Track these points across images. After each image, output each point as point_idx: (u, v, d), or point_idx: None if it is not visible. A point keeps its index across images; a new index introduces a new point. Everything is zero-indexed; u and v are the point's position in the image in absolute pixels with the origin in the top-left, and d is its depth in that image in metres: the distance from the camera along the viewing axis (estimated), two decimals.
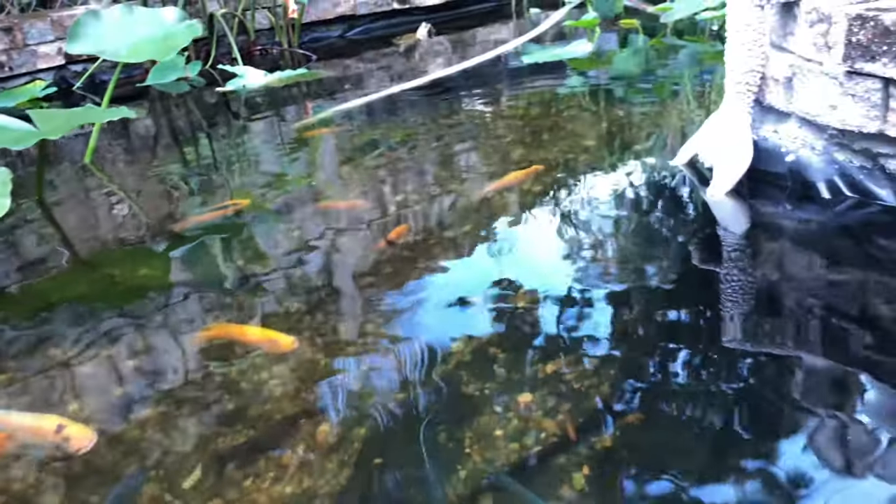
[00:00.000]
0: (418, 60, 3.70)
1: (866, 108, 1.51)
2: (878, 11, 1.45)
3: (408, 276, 1.59)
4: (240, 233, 1.88)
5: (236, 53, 3.42)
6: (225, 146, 2.69)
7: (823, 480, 0.98)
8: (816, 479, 0.99)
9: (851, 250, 1.55)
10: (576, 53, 3.17)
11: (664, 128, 2.40)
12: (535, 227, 1.78)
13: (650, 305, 1.42)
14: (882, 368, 1.18)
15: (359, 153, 2.38)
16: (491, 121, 2.61)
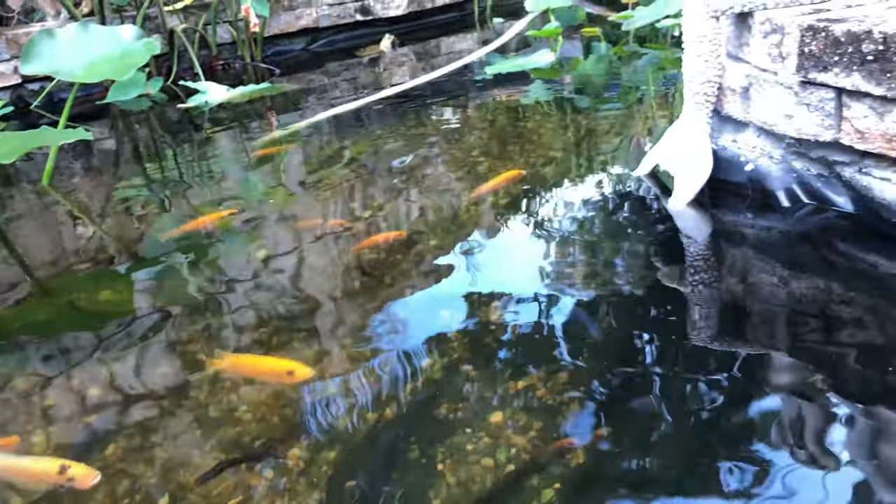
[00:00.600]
0: (383, 72, 3.70)
1: (821, 118, 1.54)
2: (828, 22, 1.48)
3: (378, 293, 1.59)
4: (206, 252, 1.86)
5: (198, 69, 3.38)
6: (189, 163, 2.66)
7: (792, 484, 1.00)
8: (786, 485, 1.00)
9: (811, 256, 1.57)
10: (539, 63, 3.19)
11: (628, 137, 2.42)
12: (503, 240, 1.79)
13: (618, 316, 1.44)
14: (843, 368, 1.21)
15: (326, 166, 2.37)
16: (457, 132, 2.61)
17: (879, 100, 1.42)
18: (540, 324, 1.43)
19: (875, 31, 1.39)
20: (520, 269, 1.65)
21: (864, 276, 1.47)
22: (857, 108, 1.47)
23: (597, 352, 1.33)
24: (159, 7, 3.51)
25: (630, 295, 1.51)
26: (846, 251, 1.55)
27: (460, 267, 1.67)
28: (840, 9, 1.59)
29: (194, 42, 3.65)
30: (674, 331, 1.37)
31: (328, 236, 1.88)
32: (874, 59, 1.40)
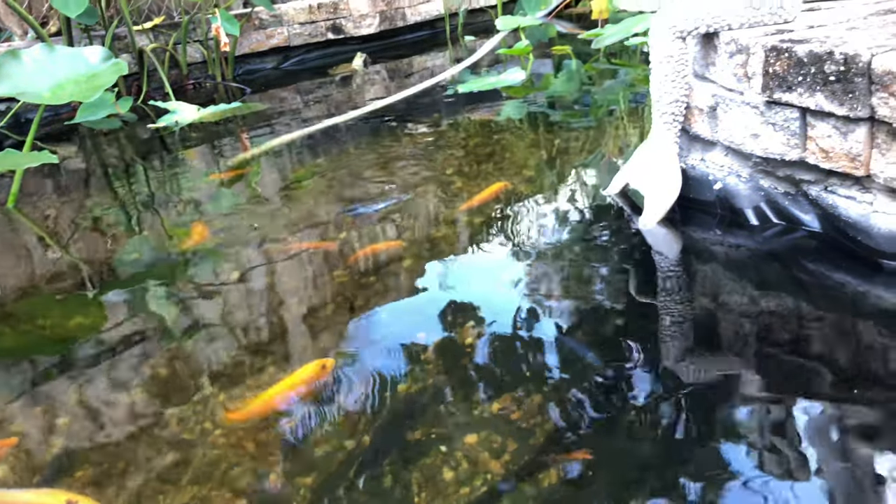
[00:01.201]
0: (355, 90, 3.70)
1: (787, 137, 1.56)
2: (791, 43, 1.50)
3: (352, 314, 1.58)
4: (178, 273, 1.84)
5: (168, 88, 3.35)
6: (159, 183, 2.63)
7: (765, 496, 1.01)
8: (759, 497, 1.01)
9: (780, 274, 1.58)
10: (510, 81, 3.21)
11: (600, 154, 2.44)
12: (477, 260, 1.79)
13: (592, 335, 1.44)
14: (812, 385, 1.22)
15: (298, 185, 2.35)
16: (431, 152, 2.61)
17: (842, 119, 1.45)
18: (514, 344, 1.43)
19: (836, 52, 1.41)
20: (494, 289, 1.65)
21: (832, 293, 1.48)
22: (822, 127, 1.49)
23: (571, 372, 1.33)
24: (128, 26, 3.49)
25: (603, 313, 1.51)
26: (814, 269, 1.56)
27: (435, 287, 1.67)
28: (803, 29, 1.61)
29: (164, 61, 3.62)
30: (647, 348, 1.38)
31: (303, 257, 1.86)
32: (836, 79, 1.42)
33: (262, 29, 3.96)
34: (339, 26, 4.18)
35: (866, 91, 1.38)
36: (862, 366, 1.27)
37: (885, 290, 1.46)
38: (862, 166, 1.45)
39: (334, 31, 4.18)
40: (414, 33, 4.53)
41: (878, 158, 1.42)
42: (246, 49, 3.94)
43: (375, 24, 4.29)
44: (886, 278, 1.47)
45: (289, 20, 4.02)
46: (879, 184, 1.45)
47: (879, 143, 1.41)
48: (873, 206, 1.49)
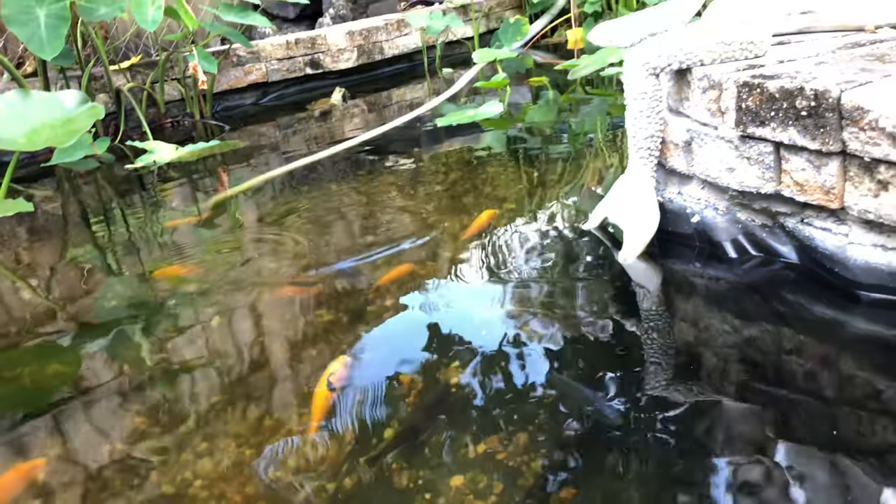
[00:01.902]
0: (335, 124, 3.70)
1: (761, 171, 1.58)
2: (763, 79, 1.52)
3: (334, 354, 1.56)
4: (157, 317, 1.81)
5: (146, 128, 3.34)
6: (138, 223, 2.61)
7: None
8: None
9: (759, 306, 1.59)
10: (489, 113, 3.22)
11: (579, 185, 2.45)
12: (458, 296, 1.78)
13: (575, 370, 1.44)
14: (792, 414, 1.23)
15: (280, 223, 2.34)
16: (410, 187, 2.61)
17: (815, 153, 1.46)
18: (499, 382, 1.42)
19: (807, 87, 1.43)
20: (477, 326, 1.65)
21: (811, 325, 1.49)
22: (796, 161, 1.51)
23: (556, 409, 1.33)
24: (105, 66, 3.48)
25: (586, 349, 1.51)
26: (793, 301, 1.57)
27: (417, 326, 1.66)
28: (773, 64, 1.63)
29: (142, 100, 3.61)
30: (632, 384, 1.38)
31: (284, 298, 1.85)
32: (808, 114, 1.44)
33: (239, 65, 3.96)
34: (318, 61, 4.20)
35: (837, 126, 1.40)
36: (842, 396, 1.28)
37: (864, 320, 1.48)
38: (836, 199, 1.47)
39: (312, 66, 4.19)
40: (392, 66, 4.55)
41: (852, 191, 1.44)
42: (224, 86, 3.94)
43: (353, 58, 4.31)
44: (865, 309, 1.48)
45: (266, 56, 4.03)
46: (854, 216, 1.46)
47: (852, 175, 1.43)
48: (849, 238, 1.51)
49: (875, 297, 1.48)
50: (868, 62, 1.55)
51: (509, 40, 4.55)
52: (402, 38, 4.52)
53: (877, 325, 1.45)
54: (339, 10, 4.92)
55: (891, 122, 1.31)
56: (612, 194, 1.89)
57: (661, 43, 1.69)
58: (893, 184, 1.36)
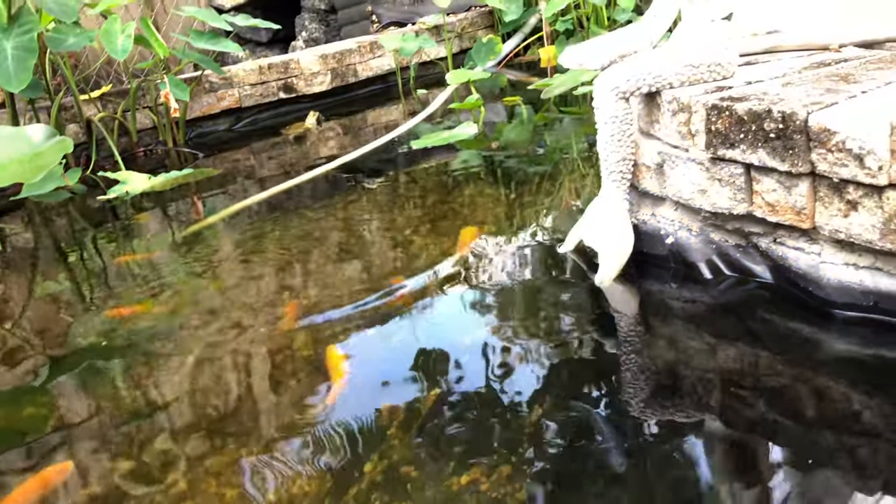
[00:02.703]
0: (310, 148, 3.69)
1: (733, 192, 1.58)
2: (731, 101, 1.53)
3: (311, 389, 1.54)
4: (131, 353, 1.78)
5: (118, 157, 3.31)
6: (112, 255, 2.57)
7: None
8: None
9: (736, 326, 1.59)
10: (463, 135, 3.23)
11: (557, 207, 2.45)
12: (437, 322, 1.77)
13: (555, 396, 1.43)
14: (773, 433, 1.24)
15: (257, 251, 2.32)
16: (387, 211, 2.60)
17: (785, 175, 1.47)
18: (480, 410, 1.41)
19: (774, 110, 1.44)
20: (456, 352, 1.64)
21: (786, 345, 1.49)
22: (766, 182, 1.52)
23: (537, 437, 1.32)
24: (75, 97, 3.44)
25: (565, 374, 1.51)
26: (769, 320, 1.57)
27: (395, 356, 1.65)
28: (741, 85, 1.65)
29: (113, 130, 3.58)
30: (611, 407, 1.38)
31: (262, 332, 1.83)
32: (776, 136, 1.45)
33: (212, 92, 3.94)
34: (291, 85, 4.19)
35: (805, 147, 1.41)
36: (819, 415, 1.28)
37: (839, 338, 1.48)
38: (807, 219, 1.48)
39: (286, 91, 4.18)
40: (366, 88, 4.55)
41: (822, 211, 1.45)
42: (197, 112, 3.92)
43: (327, 81, 4.30)
44: (840, 327, 1.49)
45: (239, 81, 4.01)
46: (825, 235, 1.47)
47: (822, 196, 1.44)
48: (821, 257, 1.51)
49: (849, 315, 1.48)
50: (833, 82, 1.56)
51: (483, 60, 4.57)
52: (376, 59, 4.52)
53: (851, 344, 1.45)
54: (312, 34, 4.91)
55: (857, 144, 1.32)
56: (586, 217, 1.89)
57: (630, 67, 1.70)
58: (862, 204, 1.37)
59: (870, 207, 1.36)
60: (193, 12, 3.58)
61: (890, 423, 1.24)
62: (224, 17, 3.72)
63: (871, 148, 1.31)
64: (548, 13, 4.40)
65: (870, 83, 1.52)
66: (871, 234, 1.38)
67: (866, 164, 1.33)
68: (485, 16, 5.06)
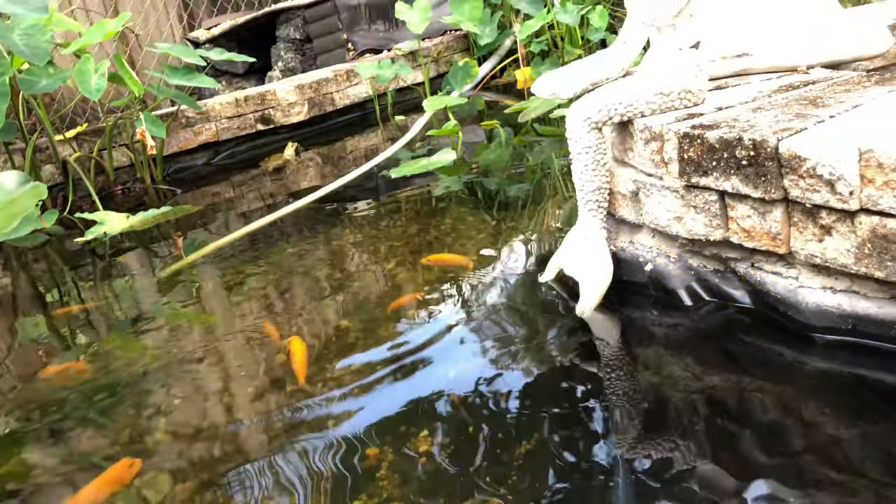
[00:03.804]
0: (290, 179, 3.68)
1: (709, 218, 1.58)
2: (702, 129, 1.54)
3: (296, 431, 1.53)
4: (116, 404, 1.75)
5: (95, 197, 3.28)
6: (92, 297, 2.54)
7: None
8: None
9: (718, 351, 1.59)
10: (442, 162, 3.23)
11: (537, 234, 2.44)
12: (420, 355, 1.76)
13: (540, 430, 1.42)
14: (757, 458, 1.23)
15: (238, 289, 2.30)
16: (369, 243, 2.59)
17: (759, 201, 1.47)
18: (467, 446, 1.41)
19: (745, 137, 1.45)
20: (440, 387, 1.62)
21: (767, 369, 1.49)
22: (741, 208, 1.52)
23: (525, 473, 1.31)
24: (50, 137, 3.42)
25: (549, 405, 1.49)
26: (750, 345, 1.57)
27: (377, 391, 1.64)
28: (712, 112, 1.65)
29: (90, 169, 3.56)
30: (597, 437, 1.38)
31: (244, 374, 1.81)
32: (748, 164, 1.45)
33: (189, 126, 3.93)
34: (268, 116, 4.18)
35: (777, 174, 1.41)
36: (802, 438, 1.28)
37: (820, 362, 1.48)
38: (783, 244, 1.48)
39: (263, 122, 4.18)
40: (344, 116, 4.55)
41: (797, 236, 1.45)
42: (174, 148, 3.90)
43: (304, 111, 4.30)
44: (820, 351, 1.49)
45: (216, 115, 4.00)
46: (801, 260, 1.48)
47: (796, 221, 1.44)
48: (799, 281, 1.52)
49: (828, 338, 1.48)
50: (802, 106, 1.57)
51: (459, 83, 4.59)
52: (353, 87, 4.53)
53: (832, 368, 1.45)
54: (289, 63, 4.92)
55: (827, 170, 1.33)
56: (564, 246, 1.89)
57: (601, 96, 1.71)
58: (836, 228, 1.38)
59: (843, 232, 1.37)
60: (167, 49, 3.58)
61: (871, 446, 1.24)
62: (199, 52, 3.72)
63: (842, 174, 1.31)
64: (522, 35, 4.43)
65: (838, 106, 1.53)
66: (846, 259, 1.38)
67: (837, 190, 1.33)
68: (460, 39, 5.09)
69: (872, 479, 1.17)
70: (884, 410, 1.34)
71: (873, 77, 1.70)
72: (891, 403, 1.35)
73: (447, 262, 2.27)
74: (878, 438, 1.27)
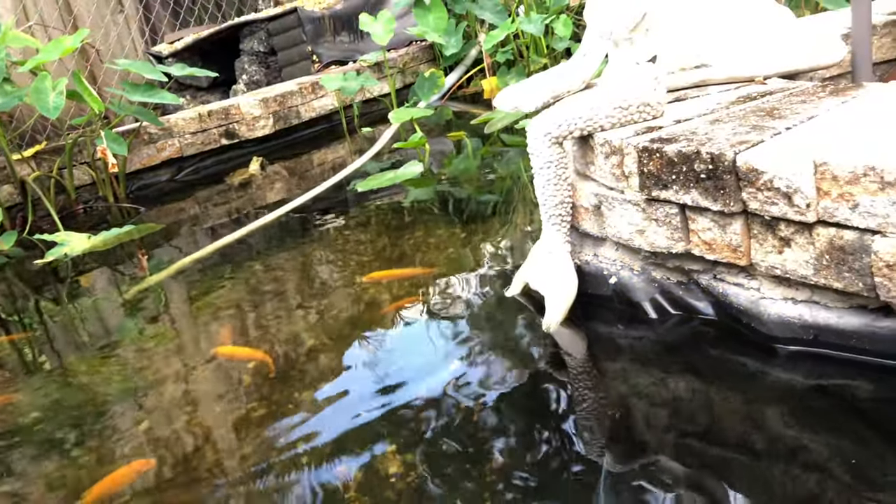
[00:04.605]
0: (256, 194, 3.64)
1: (670, 231, 1.59)
2: (661, 143, 1.54)
3: (266, 455, 1.50)
4: (82, 432, 1.71)
5: (55, 217, 3.22)
6: (55, 319, 2.49)
7: None
8: None
9: (681, 365, 1.59)
10: (409, 174, 3.22)
11: (504, 247, 2.44)
12: (389, 372, 1.75)
13: (513, 445, 1.42)
14: (723, 467, 1.24)
15: (204, 307, 2.26)
16: (339, 259, 2.57)
17: (719, 214, 1.48)
18: (438, 465, 1.40)
19: (703, 151, 1.46)
20: (409, 405, 1.61)
21: (732, 381, 1.50)
22: (701, 221, 1.53)
23: (496, 489, 1.30)
24: (7, 157, 3.36)
25: (518, 421, 1.49)
26: (714, 357, 1.58)
27: (345, 408, 1.62)
28: (670, 125, 1.66)
29: (49, 188, 3.49)
30: (565, 450, 1.37)
31: (210, 398, 1.77)
32: (707, 177, 1.46)
33: (152, 143, 3.87)
34: (233, 131, 4.14)
35: (736, 187, 1.42)
36: (764, 448, 1.28)
37: (783, 372, 1.49)
38: (744, 256, 1.49)
39: (228, 137, 4.13)
40: (310, 129, 4.52)
41: (758, 248, 1.46)
42: (137, 164, 3.84)
43: (270, 124, 4.27)
44: (783, 361, 1.50)
45: (179, 131, 3.95)
46: (762, 272, 1.48)
47: (756, 233, 1.45)
48: (761, 293, 1.52)
49: (791, 349, 1.49)
50: (760, 118, 1.58)
51: (426, 94, 4.58)
52: (319, 100, 4.50)
53: (795, 378, 1.46)
54: (253, 76, 4.88)
55: (784, 183, 1.34)
56: (529, 261, 1.88)
57: (561, 111, 1.70)
58: (795, 240, 1.39)
59: (802, 244, 1.38)
60: (127, 65, 3.52)
61: (834, 454, 1.25)
62: (160, 68, 3.67)
63: (798, 186, 1.32)
64: (487, 45, 4.44)
65: (794, 118, 1.54)
66: (805, 270, 1.39)
67: (795, 202, 1.34)
68: (425, 50, 5.08)
69: (836, 487, 1.18)
70: (846, 420, 1.35)
71: (828, 87, 1.72)
72: (853, 413, 1.36)
73: (395, 277, 2.29)
74: (841, 447, 1.28)
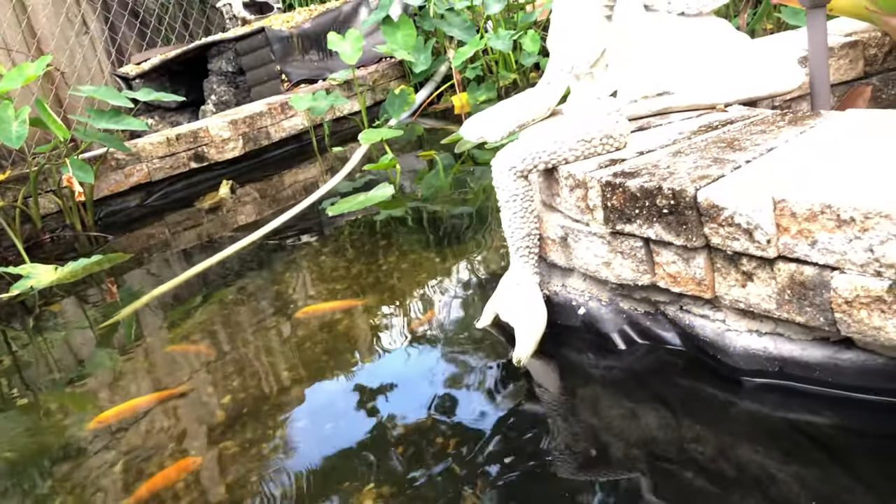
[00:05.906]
0: (227, 218, 3.61)
1: (635, 264, 1.60)
2: (624, 178, 1.55)
3: (231, 485, 1.49)
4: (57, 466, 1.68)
5: (21, 249, 3.17)
6: (23, 354, 2.45)
7: None
8: None
9: (649, 397, 1.59)
10: (380, 197, 3.21)
11: (476, 275, 2.44)
12: (359, 404, 1.74)
13: (485, 477, 1.42)
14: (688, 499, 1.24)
15: (176, 339, 2.24)
16: (312, 286, 2.56)
17: (682, 248, 1.49)
18: (408, 500, 1.39)
19: (664, 186, 1.46)
20: (377, 436, 1.61)
21: (698, 413, 1.50)
22: (665, 254, 1.53)
23: None
24: None
25: (489, 455, 1.48)
26: (683, 387, 1.58)
27: (317, 442, 1.62)
28: (633, 157, 1.67)
29: (15, 218, 3.44)
30: (536, 482, 1.37)
31: (172, 436, 1.75)
32: (669, 212, 1.47)
33: (119, 168, 3.83)
34: (202, 154, 4.11)
35: (698, 222, 1.43)
36: (732, 480, 1.29)
37: (750, 403, 1.49)
38: (708, 289, 1.50)
39: (197, 160, 4.10)
40: (281, 149, 4.50)
41: (721, 282, 1.47)
42: (105, 191, 3.80)
43: (239, 146, 4.24)
44: (749, 393, 1.50)
45: (147, 155, 3.91)
46: (727, 304, 1.49)
47: (719, 267, 1.46)
48: (726, 325, 1.53)
49: (757, 381, 1.50)
50: (721, 150, 1.60)
51: (397, 111, 4.58)
52: (288, 120, 4.48)
53: (761, 409, 1.47)
54: (222, 97, 4.85)
55: (744, 219, 1.35)
56: (498, 292, 1.88)
57: (525, 144, 1.71)
58: (757, 275, 1.40)
59: (764, 278, 1.39)
60: (91, 92, 3.48)
61: (802, 487, 1.26)
62: (126, 93, 3.63)
63: (758, 223, 1.33)
64: (457, 62, 4.45)
65: (754, 149, 1.56)
66: (768, 304, 1.40)
67: (756, 238, 1.35)
68: (395, 67, 5.08)
69: None
70: (812, 452, 1.36)
71: (787, 116, 1.74)
72: (818, 445, 1.37)
73: (327, 310, 2.30)
74: (808, 479, 1.29)
